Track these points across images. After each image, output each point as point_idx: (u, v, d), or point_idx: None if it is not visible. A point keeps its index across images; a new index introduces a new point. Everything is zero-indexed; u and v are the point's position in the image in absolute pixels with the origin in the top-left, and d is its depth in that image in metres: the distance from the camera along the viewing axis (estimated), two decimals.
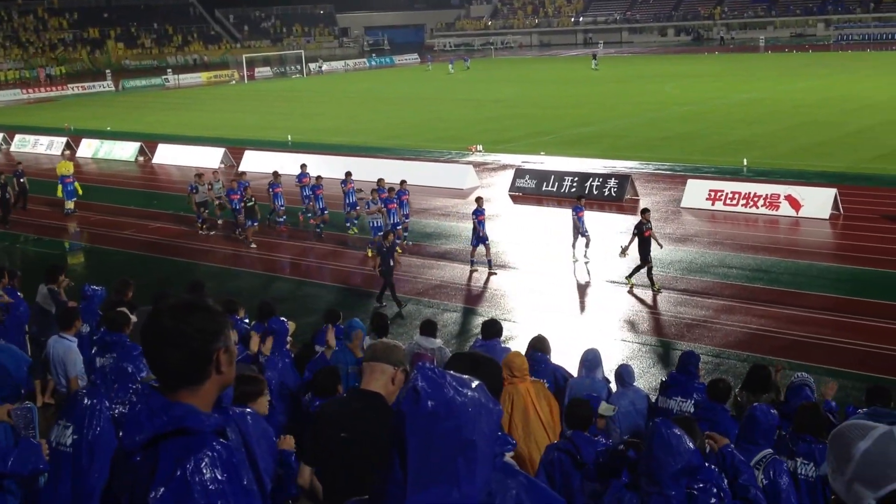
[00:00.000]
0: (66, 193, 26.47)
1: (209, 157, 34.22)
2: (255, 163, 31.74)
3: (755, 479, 5.61)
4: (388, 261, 16.44)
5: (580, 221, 18.87)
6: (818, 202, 22.00)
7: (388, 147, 35.20)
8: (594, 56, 73.20)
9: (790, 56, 74.65)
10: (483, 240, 18.43)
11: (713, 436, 5.67)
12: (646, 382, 12.19)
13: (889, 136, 31.76)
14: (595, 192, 24.79)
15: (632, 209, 23.50)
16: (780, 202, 22.38)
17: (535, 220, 23.28)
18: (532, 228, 22.39)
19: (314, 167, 25.24)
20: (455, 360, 3.16)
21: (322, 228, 22.26)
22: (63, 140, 39.77)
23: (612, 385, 9.23)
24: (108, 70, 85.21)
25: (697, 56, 80.00)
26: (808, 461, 6.37)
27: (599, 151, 31.78)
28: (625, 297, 16.86)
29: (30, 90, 74.71)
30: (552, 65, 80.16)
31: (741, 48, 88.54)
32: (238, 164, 32.19)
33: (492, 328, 9.65)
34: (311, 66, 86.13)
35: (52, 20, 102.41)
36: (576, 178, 25.89)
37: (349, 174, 22.44)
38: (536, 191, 26.23)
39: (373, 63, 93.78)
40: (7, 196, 25.54)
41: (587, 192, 24.06)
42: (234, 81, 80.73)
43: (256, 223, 21.96)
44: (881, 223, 21.16)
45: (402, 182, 21.45)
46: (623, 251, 17.40)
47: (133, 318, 8.77)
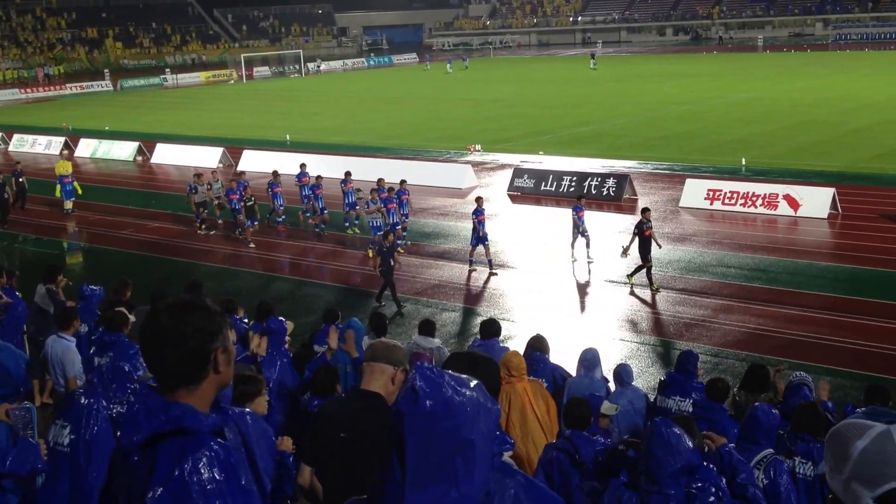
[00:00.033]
0: (65, 193, 26.44)
1: (207, 157, 34.21)
2: (254, 162, 31.75)
3: (753, 478, 5.61)
4: (389, 261, 16.44)
5: (580, 221, 18.89)
6: (816, 202, 22.02)
7: (387, 147, 35.20)
8: (592, 56, 73.23)
9: (788, 56, 74.69)
10: (483, 240, 18.44)
11: (710, 435, 5.67)
12: (644, 382, 12.21)
13: (887, 136, 31.78)
14: (593, 192, 24.78)
15: (630, 209, 23.52)
16: (779, 201, 22.39)
17: (534, 220, 23.28)
18: (530, 228, 22.39)
19: (313, 167, 25.23)
20: (453, 360, 3.16)
21: (323, 229, 22.27)
22: (61, 140, 39.72)
23: (611, 384, 9.24)
24: (107, 70, 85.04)
25: (696, 56, 80.00)
26: (807, 460, 6.37)
27: (598, 151, 31.79)
28: (623, 297, 16.87)
29: (28, 90, 74.62)
30: (550, 64, 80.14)
31: (739, 48, 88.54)
32: (236, 164, 32.19)
33: (490, 328, 9.65)
34: (310, 66, 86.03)
35: (51, 20, 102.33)
36: (574, 178, 25.89)
37: (349, 174, 22.41)
38: (535, 190, 26.23)
39: (371, 63, 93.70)
40: (6, 196, 25.53)
41: (586, 192, 24.05)
42: (233, 81, 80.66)
43: (256, 223, 21.98)
44: (879, 222, 21.17)
45: (402, 182, 21.44)
46: (625, 251, 17.40)
47: (131, 318, 8.76)
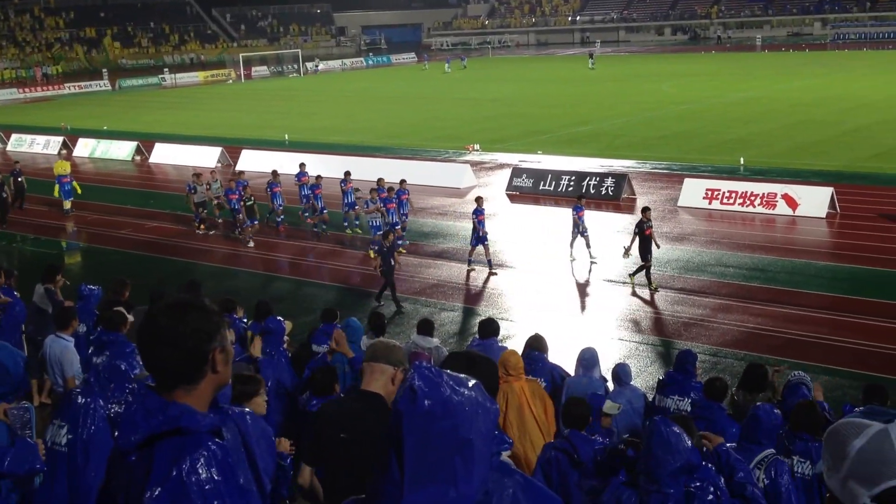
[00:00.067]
0: (64, 193, 26.40)
1: (206, 157, 34.19)
2: (252, 162, 31.74)
3: (752, 477, 5.62)
4: (389, 260, 16.43)
5: (580, 221, 18.88)
6: (815, 201, 22.02)
7: (386, 146, 35.19)
8: (591, 55, 73.21)
9: (787, 55, 74.72)
10: (482, 239, 18.43)
11: (707, 435, 5.68)
12: (643, 381, 12.21)
13: (885, 135, 31.80)
14: (592, 192, 24.76)
15: (629, 208, 23.53)
16: (777, 201, 22.40)
17: (532, 219, 23.28)
18: (529, 227, 22.39)
19: (312, 166, 25.22)
20: (452, 359, 3.16)
21: (324, 229, 22.25)
22: (60, 139, 39.68)
23: (610, 384, 9.24)
24: (105, 69, 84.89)
25: (694, 55, 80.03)
26: (805, 459, 6.38)
27: (596, 150, 31.79)
28: (622, 296, 16.87)
29: (26, 89, 74.54)
30: (549, 64, 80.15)
31: (738, 47, 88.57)
32: (235, 164, 32.19)
33: (489, 327, 9.66)
34: (308, 66, 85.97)
35: (49, 19, 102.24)
36: (573, 178, 25.89)
37: (348, 174, 22.38)
38: (533, 190, 26.22)
39: (370, 62, 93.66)
40: (5, 196, 25.50)
41: (584, 192, 24.04)
42: (231, 81, 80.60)
43: (256, 222, 21.98)
44: (878, 222, 21.18)
45: (402, 182, 21.42)
46: (626, 251, 17.40)
47: (130, 318, 8.76)
